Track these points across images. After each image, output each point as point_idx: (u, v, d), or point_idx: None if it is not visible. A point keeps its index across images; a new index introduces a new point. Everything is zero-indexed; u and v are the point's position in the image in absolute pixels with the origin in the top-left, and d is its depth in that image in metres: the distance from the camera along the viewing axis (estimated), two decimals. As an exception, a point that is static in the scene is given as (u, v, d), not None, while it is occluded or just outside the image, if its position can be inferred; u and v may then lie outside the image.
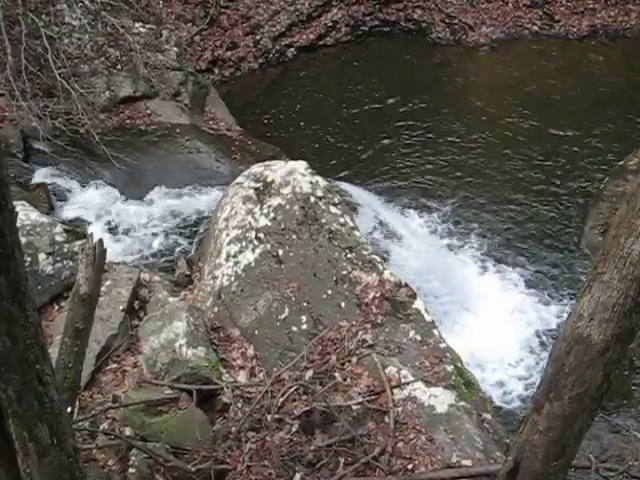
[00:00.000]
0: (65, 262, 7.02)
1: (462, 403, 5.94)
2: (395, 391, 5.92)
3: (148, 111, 11.17)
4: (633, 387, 8.26)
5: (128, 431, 5.75)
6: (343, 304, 6.58)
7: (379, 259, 6.99)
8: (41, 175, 9.95)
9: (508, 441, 5.78)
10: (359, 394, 5.90)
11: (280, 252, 6.94)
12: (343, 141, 12.31)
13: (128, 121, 10.98)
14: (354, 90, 13.57)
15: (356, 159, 11.87)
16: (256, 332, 6.61)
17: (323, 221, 7.09)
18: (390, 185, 11.28)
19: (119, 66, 11.35)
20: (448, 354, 6.31)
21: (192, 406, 5.81)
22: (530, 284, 9.55)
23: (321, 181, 7.44)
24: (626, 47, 14.44)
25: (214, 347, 6.44)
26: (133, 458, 5.50)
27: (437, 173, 11.55)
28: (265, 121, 12.82)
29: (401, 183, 11.34)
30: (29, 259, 6.80)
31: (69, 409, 4.57)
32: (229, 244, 7.23)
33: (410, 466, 5.50)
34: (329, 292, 6.66)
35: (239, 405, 5.97)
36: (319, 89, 13.68)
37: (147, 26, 12.09)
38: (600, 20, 14.79)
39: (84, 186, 10.04)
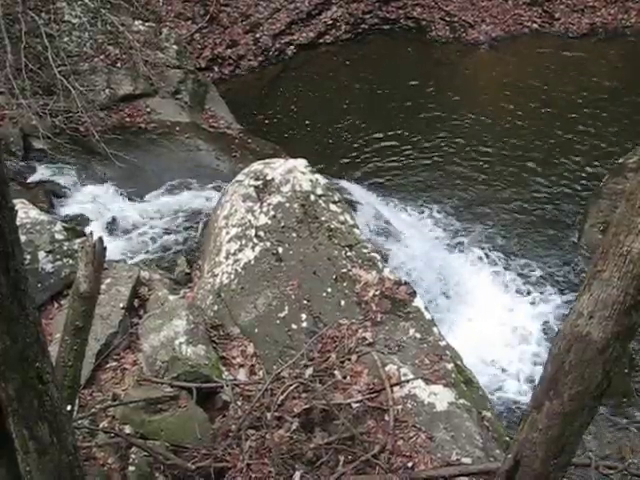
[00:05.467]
0: (65, 260, 7.02)
1: (462, 401, 5.94)
2: (395, 389, 5.92)
3: (148, 109, 11.17)
4: (633, 385, 8.26)
5: (128, 429, 5.75)
6: (343, 302, 6.58)
7: (379, 257, 6.99)
8: (41, 173, 9.95)
9: (508, 439, 5.78)
10: (359, 392, 5.90)
11: (280, 250, 6.94)
12: (343, 139, 12.30)
13: (128, 119, 10.98)
14: (354, 88, 13.56)
15: (356, 157, 11.87)
16: (256, 330, 6.61)
17: (323, 219, 7.09)
18: (390, 183, 11.28)
19: (119, 64, 11.34)
20: (448, 352, 6.31)
21: (192, 404, 5.81)
22: (530, 282, 9.55)
23: (321, 179, 7.43)
24: (626, 45, 14.43)
25: (214, 345, 6.44)
26: (133, 456, 5.50)
27: (436, 171, 11.55)
28: (265, 119, 12.81)
29: (401, 181, 11.35)
30: (29, 257, 6.79)
31: (69, 407, 4.56)
32: (229, 242, 7.22)
33: (410, 464, 5.50)
34: (329, 290, 6.66)
35: (239, 403, 5.97)
36: (319, 87, 13.66)
37: (147, 24, 12.07)
38: (600, 18, 14.77)
39: (84, 184, 10.03)
